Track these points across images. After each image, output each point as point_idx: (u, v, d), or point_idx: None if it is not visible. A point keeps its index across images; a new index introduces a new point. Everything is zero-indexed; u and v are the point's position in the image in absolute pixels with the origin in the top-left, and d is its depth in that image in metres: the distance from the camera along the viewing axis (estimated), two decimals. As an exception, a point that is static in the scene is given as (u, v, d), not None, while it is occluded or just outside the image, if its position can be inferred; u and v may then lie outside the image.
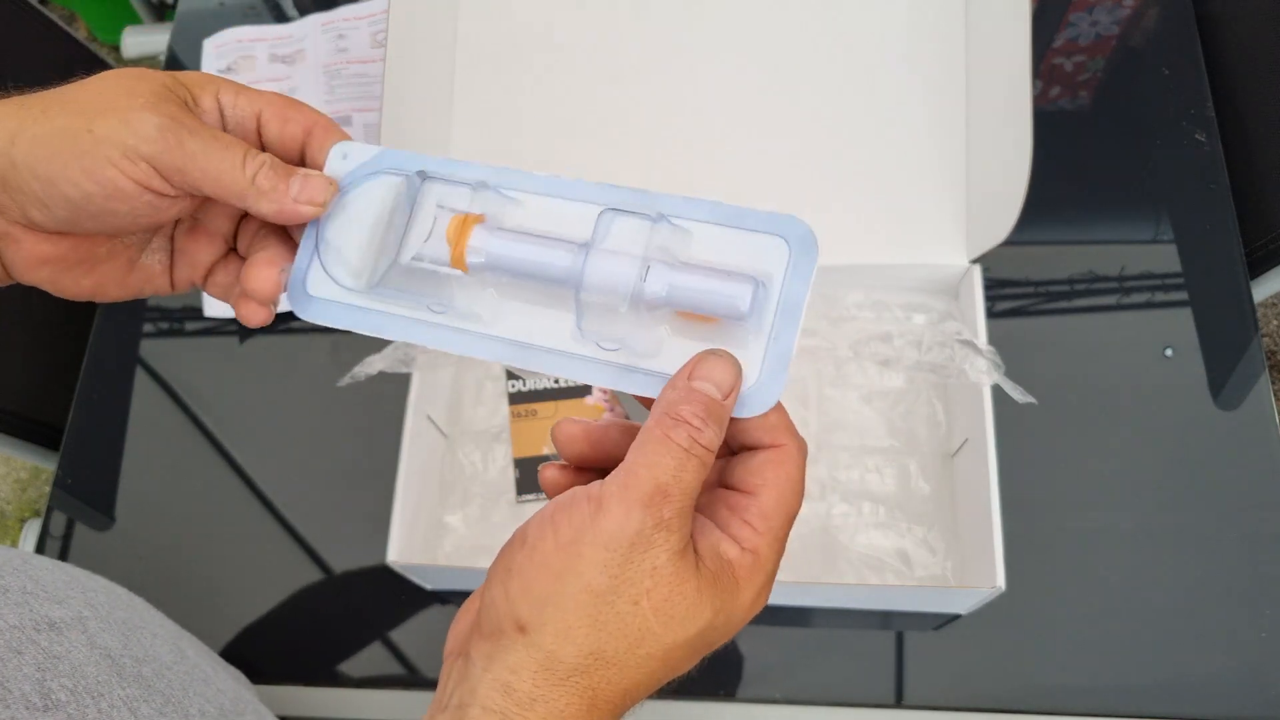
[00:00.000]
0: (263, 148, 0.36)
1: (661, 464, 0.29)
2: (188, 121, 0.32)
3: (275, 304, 0.36)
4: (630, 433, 0.33)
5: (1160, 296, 0.73)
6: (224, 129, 0.35)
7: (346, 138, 0.36)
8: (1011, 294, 0.74)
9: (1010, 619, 0.63)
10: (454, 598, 0.68)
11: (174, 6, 1.02)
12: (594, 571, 0.28)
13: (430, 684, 0.66)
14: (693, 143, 0.68)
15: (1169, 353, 0.71)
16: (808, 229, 0.31)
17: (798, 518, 0.34)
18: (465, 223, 0.33)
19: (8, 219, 0.33)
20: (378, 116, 0.64)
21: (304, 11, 0.91)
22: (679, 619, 0.29)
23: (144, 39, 1.08)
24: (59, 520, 0.73)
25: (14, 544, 1.39)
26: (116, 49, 1.14)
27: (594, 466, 0.34)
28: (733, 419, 0.31)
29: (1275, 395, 0.81)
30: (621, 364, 0.32)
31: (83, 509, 0.73)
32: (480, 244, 0.32)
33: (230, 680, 0.50)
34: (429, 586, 0.66)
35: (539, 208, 0.34)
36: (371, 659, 0.67)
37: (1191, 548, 0.65)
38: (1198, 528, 0.65)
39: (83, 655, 0.40)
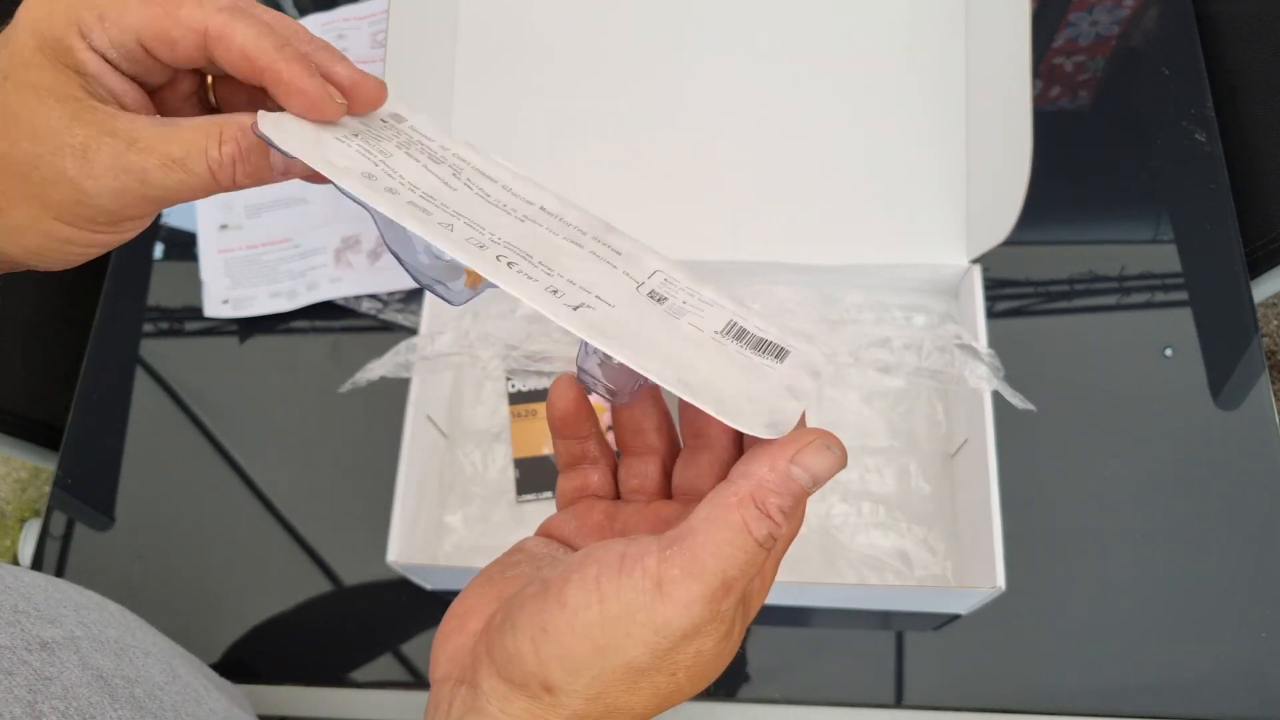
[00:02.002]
0: (173, 69, 0.32)
1: (733, 557, 0.27)
2: (134, 160, 0.30)
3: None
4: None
5: (1160, 296, 0.73)
6: (119, 74, 0.31)
7: (251, 31, 0.30)
8: (1011, 294, 0.74)
9: (1010, 619, 0.63)
10: (454, 598, 0.68)
11: (174, 6, 1.02)
12: (639, 651, 0.27)
13: (429, 685, 0.66)
14: (693, 142, 0.68)
15: (1169, 353, 0.71)
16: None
17: None
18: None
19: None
20: (378, 116, 0.64)
21: (304, 11, 0.91)
22: (708, 676, 0.29)
23: (144, 39, 1.08)
24: (59, 520, 0.73)
25: (14, 544, 1.39)
26: (116, 49, 1.14)
27: (584, 433, 0.34)
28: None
29: (1275, 395, 0.81)
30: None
31: (83, 509, 0.73)
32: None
33: (223, 700, 0.50)
34: (429, 586, 0.66)
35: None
36: (372, 659, 0.67)
37: (1191, 548, 0.65)
38: (1198, 528, 0.65)
39: (75, 676, 0.39)
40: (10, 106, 0.30)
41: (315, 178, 0.31)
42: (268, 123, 0.30)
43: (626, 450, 0.35)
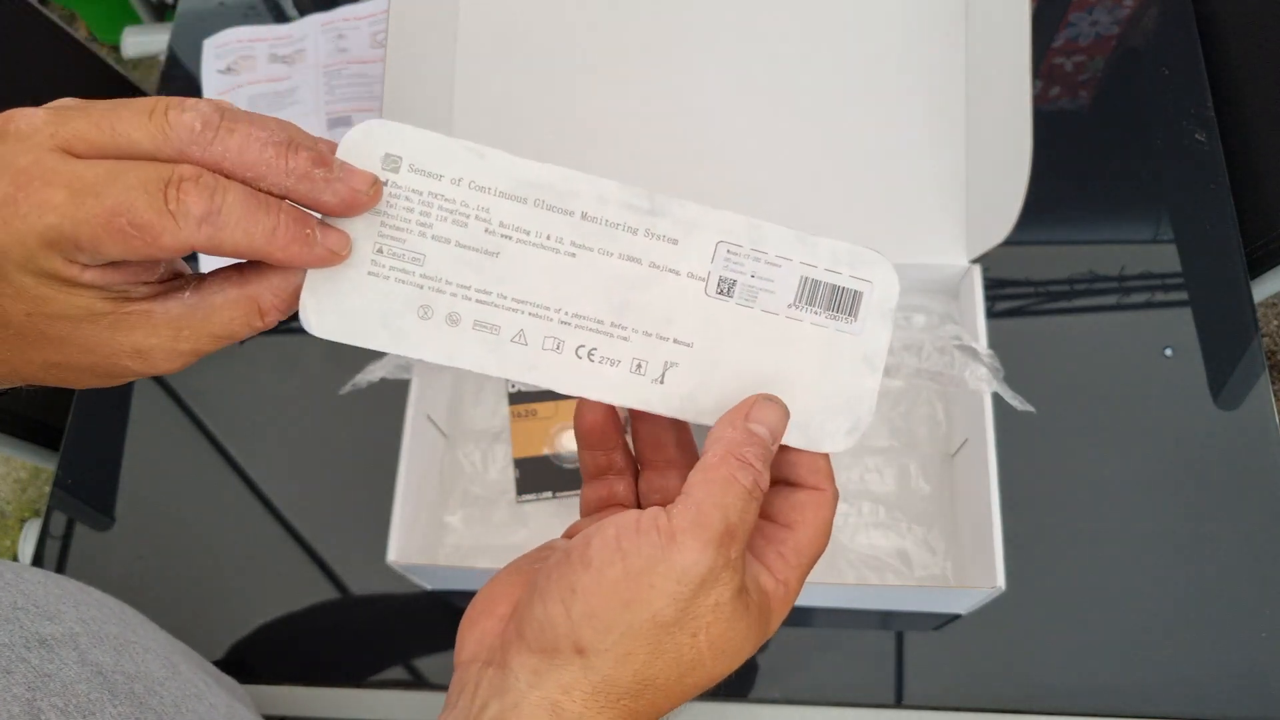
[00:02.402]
0: None
1: (731, 505, 0.29)
2: (169, 330, 0.30)
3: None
4: (653, 425, 0.35)
5: (1160, 296, 0.73)
6: (127, 268, 0.30)
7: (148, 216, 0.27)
8: (1011, 294, 0.74)
9: (1010, 619, 0.63)
10: (454, 598, 0.68)
11: (174, 6, 1.02)
12: (663, 603, 0.29)
13: (430, 684, 0.66)
14: (693, 142, 0.68)
15: (1169, 353, 0.71)
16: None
17: None
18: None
19: None
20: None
21: (304, 11, 0.91)
22: (729, 652, 0.30)
23: (144, 39, 1.08)
24: (59, 520, 0.73)
25: (14, 544, 1.39)
26: (116, 49, 1.14)
27: (611, 446, 0.36)
28: (787, 451, 0.33)
29: (1275, 395, 0.81)
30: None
31: (83, 509, 0.73)
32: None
33: (224, 695, 0.50)
34: (429, 586, 0.66)
35: None
36: (372, 659, 0.67)
37: (1191, 548, 0.65)
38: (1198, 528, 0.65)
39: (74, 673, 0.39)
40: (50, 334, 0.30)
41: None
42: (309, 312, 0.31)
43: (646, 464, 0.37)
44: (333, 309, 0.32)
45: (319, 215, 0.31)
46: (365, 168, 0.31)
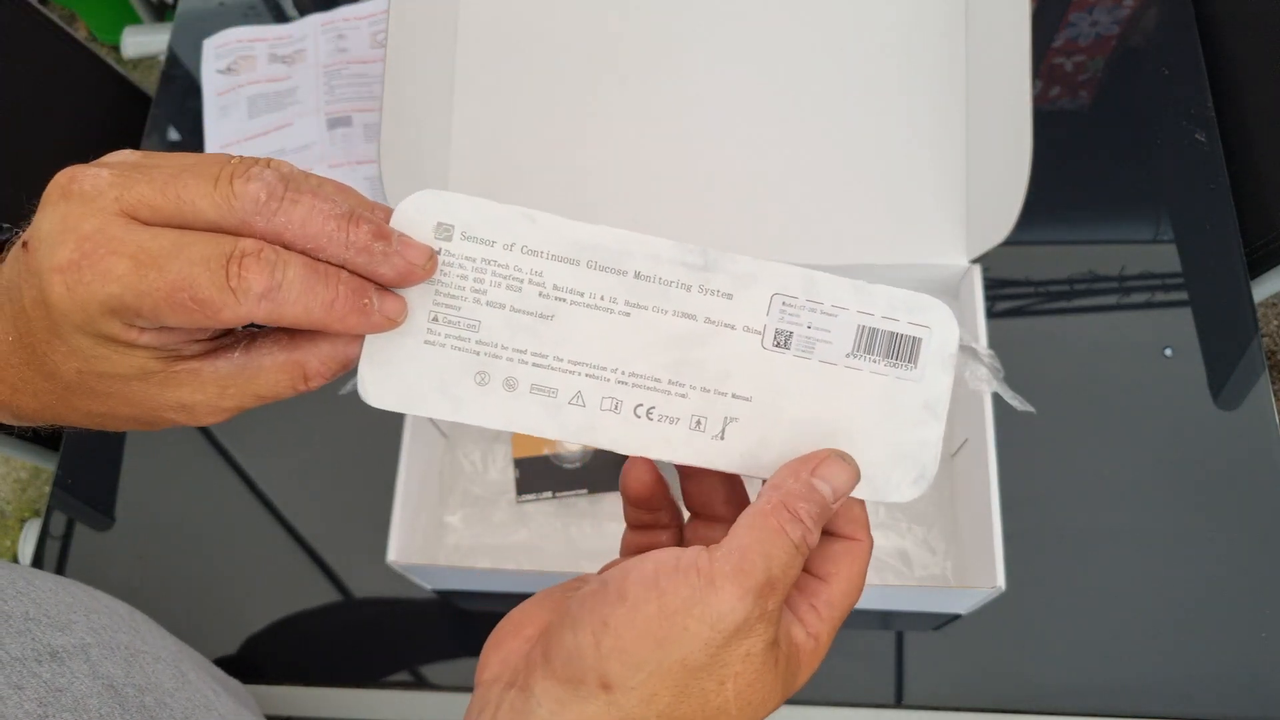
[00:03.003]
0: None
1: (775, 557, 0.29)
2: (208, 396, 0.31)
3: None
4: (705, 482, 0.34)
5: (1160, 296, 0.73)
6: (179, 333, 0.30)
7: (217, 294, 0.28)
8: (1011, 294, 0.74)
9: (1010, 619, 0.63)
10: (454, 598, 0.68)
11: (174, 6, 1.02)
12: (695, 646, 0.28)
13: (430, 684, 0.66)
14: (693, 142, 0.68)
15: (1169, 353, 0.71)
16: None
17: None
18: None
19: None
20: (378, 116, 0.64)
21: (304, 11, 0.91)
22: (755, 704, 0.29)
23: (144, 39, 1.08)
24: (59, 520, 0.73)
25: (14, 544, 1.39)
26: (116, 49, 1.14)
27: (657, 506, 0.35)
28: None
29: (1275, 395, 0.81)
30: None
31: (83, 509, 0.73)
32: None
33: (232, 702, 0.50)
34: (429, 586, 0.66)
35: None
36: (372, 659, 0.67)
37: (1191, 548, 0.65)
38: (1198, 528, 0.65)
39: (85, 687, 0.39)
40: (96, 389, 0.30)
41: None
42: (367, 384, 0.32)
43: (695, 514, 0.37)
44: (390, 379, 0.32)
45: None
46: (418, 237, 0.31)
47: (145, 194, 0.28)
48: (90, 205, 0.28)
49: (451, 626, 0.68)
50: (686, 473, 0.35)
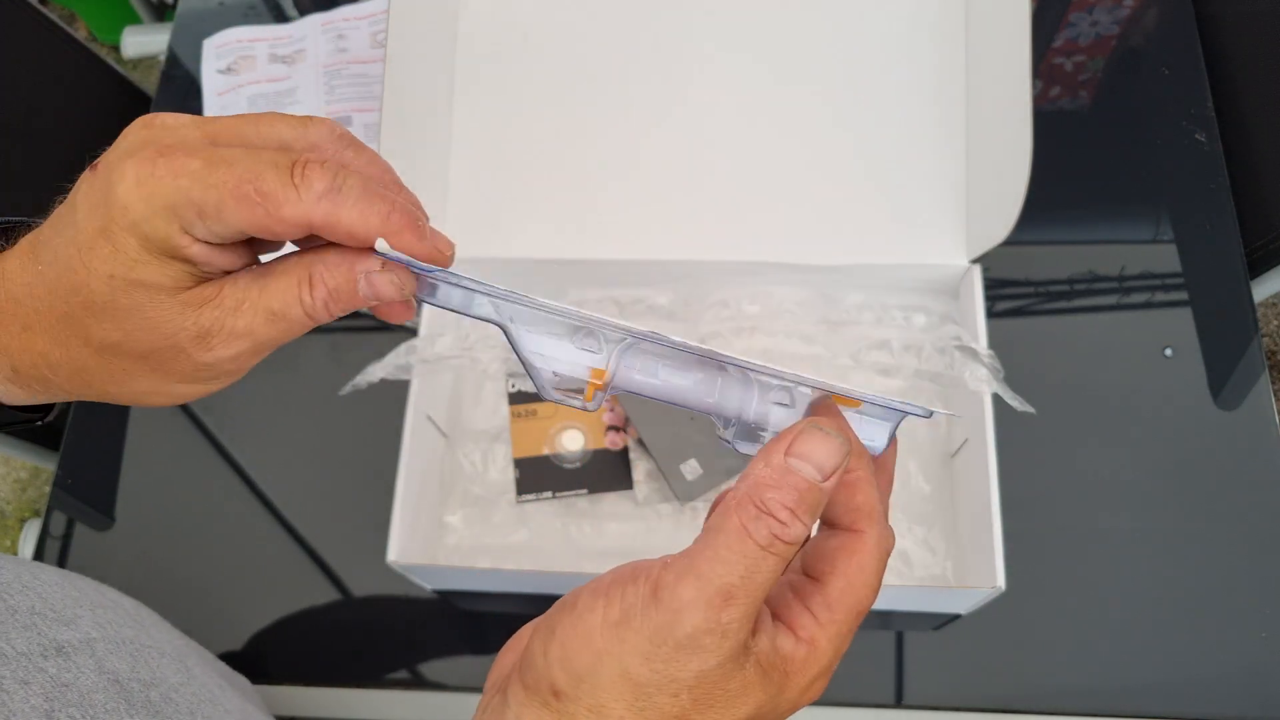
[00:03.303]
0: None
1: (732, 562, 0.26)
2: (222, 328, 0.31)
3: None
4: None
5: (1160, 296, 0.73)
6: (218, 249, 0.30)
7: (360, 215, 0.30)
8: (1011, 294, 0.74)
9: (1010, 619, 0.63)
10: (455, 598, 0.68)
11: (174, 6, 1.02)
12: (635, 660, 0.26)
13: (430, 684, 0.66)
14: (693, 142, 0.68)
15: (1169, 353, 0.71)
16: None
17: None
18: (597, 383, 0.31)
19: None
20: (378, 116, 0.64)
21: (304, 11, 0.91)
22: (719, 708, 0.27)
23: (144, 39, 1.08)
24: (59, 520, 0.73)
25: (14, 544, 1.39)
26: (116, 49, 1.14)
27: None
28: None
29: (1275, 395, 0.81)
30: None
31: (83, 509, 0.73)
32: (619, 383, 0.31)
33: (237, 698, 0.50)
34: (429, 586, 0.66)
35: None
36: (372, 659, 0.67)
37: (1191, 548, 0.65)
38: (1198, 528, 0.65)
39: (91, 681, 0.39)
40: (120, 304, 0.30)
41: (399, 312, 0.32)
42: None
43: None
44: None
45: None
46: None
47: (226, 123, 0.30)
48: (172, 130, 0.30)
49: (451, 626, 0.68)
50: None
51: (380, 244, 0.31)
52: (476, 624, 0.68)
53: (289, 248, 0.32)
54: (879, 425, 0.31)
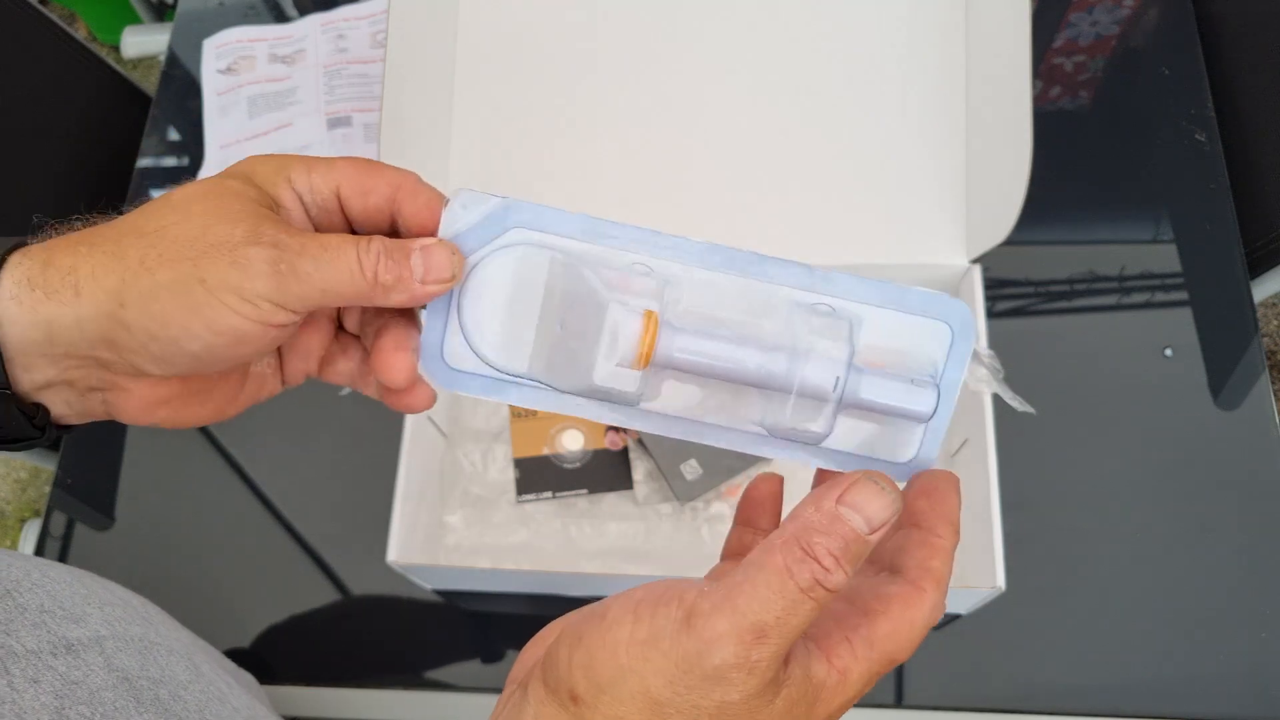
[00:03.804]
0: (350, 225, 0.34)
1: (770, 601, 0.26)
2: (291, 242, 0.30)
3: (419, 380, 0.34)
4: None
5: (1160, 296, 0.73)
6: (307, 217, 0.33)
7: (435, 192, 0.33)
8: (1011, 294, 0.74)
9: (1010, 619, 0.63)
10: (455, 597, 0.68)
11: (174, 6, 1.02)
12: (658, 681, 0.26)
13: (430, 683, 0.66)
14: (693, 142, 0.68)
15: (1169, 353, 0.71)
16: (968, 313, 0.32)
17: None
18: (652, 330, 0.31)
19: (115, 372, 0.32)
20: (378, 116, 0.64)
21: (304, 11, 0.91)
22: None
23: (144, 39, 1.08)
24: (59, 520, 0.73)
25: (14, 544, 1.39)
26: (116, 49, 1.14)
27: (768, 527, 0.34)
28: (908, 533, 0.30)
29: (1275, 395, 0.81)
30: (792, 440, 0.32)
31: (83, 509, 0.73)
32: (668, 349, 0.31)
33: (245, 696, 0.50)
34: (429, 586, 0.66)
35: (696, 284, 0.32)
36: (372, 659, 0.67)
37: (1191, 548, 0.65)
38: (1198, 528, 0.65)
39: (100, 679, 0.39)
40: (208, 201, 0.30)
41: (421, 298, 0.32)
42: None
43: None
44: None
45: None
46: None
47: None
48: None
49: (451, 626, 0.68)
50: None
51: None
52: (476, 624, 0.68)
53: None
54: (922, 392, 0.32)
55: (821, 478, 0.34)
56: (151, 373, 0.31)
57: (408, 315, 0.34)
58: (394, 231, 0.33)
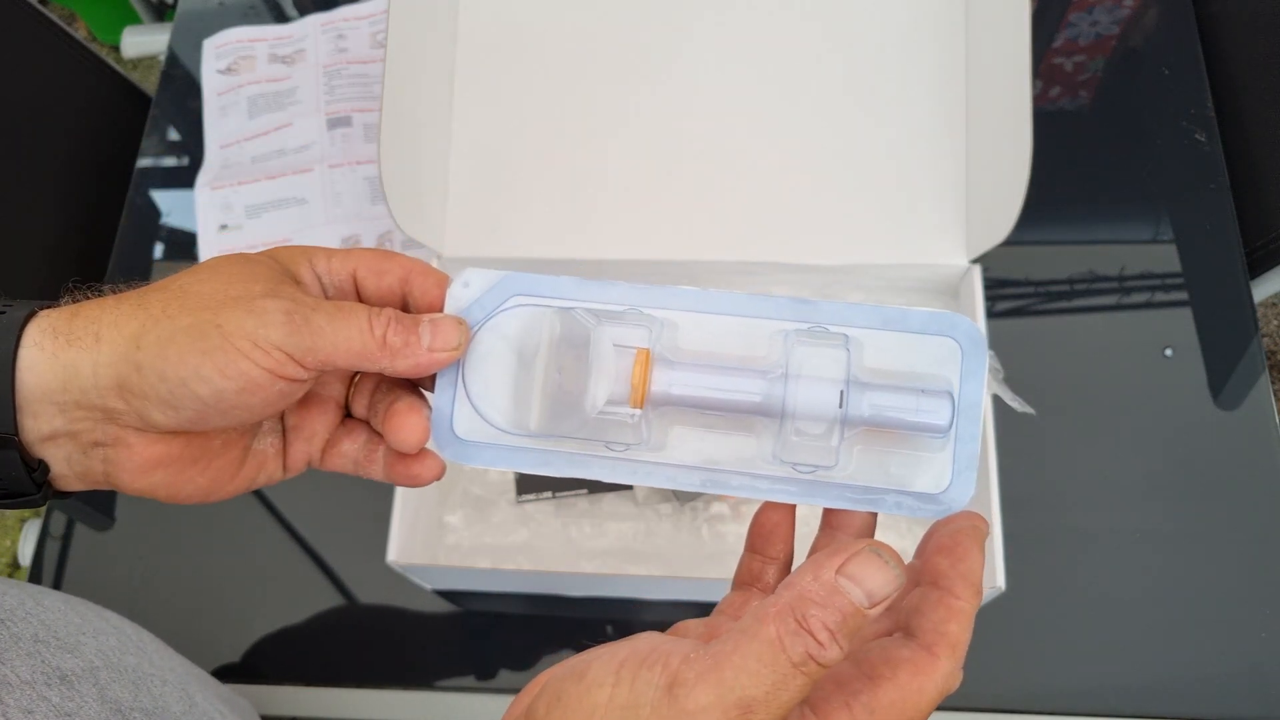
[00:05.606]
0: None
1: (759, 674, 0.24)
2: (307, 299, 0.32)
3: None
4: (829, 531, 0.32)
5: (1160, 296, 0.73)
6: (324, 295, 0.34)
7: (443, 275, 0.34)
8: (1011, 294, 0.74)
9: (1010, 619, 0.63)
10: (454, 597, 0.68)
11: (174, 6, 1.02)
12: None
13: (430, 684, 0.66)
14: (693, 142, 0.68)
15: (1169, 353, 0.71)
16: (974, 327, 0.31)
17: (798, 518, 0.34)
18: (644, 363, 0.31)
19: (121, 424, 0.32)
20: (378, 116, 0.64)
21: (304, 11, 0.91)
22: None
23: (144, 39, 1.08)
24: (59, 520, 0.73)
25: (14, 544, 1.39)
26: (116, 49, 1.14)
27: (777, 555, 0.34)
28: (926, 592, 0.28)
29: (1275, 395, 0.81)
30: (811, 480, 0.31)
31: (83, 509, 0.73)
32: (664, 385, 0.31)
33: None
34: (429, 586, 0.66)
35: (692, 327, 0.32)
36: (372, 659, 0.67)
37: (1191, 548, 0.65)
38: (1198, 528, 0.65)
39: (94, 711, 0.39)
40: (233, 266, 0.32)
41: (428, 366, 0.33)
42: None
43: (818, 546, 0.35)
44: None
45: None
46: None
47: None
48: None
49: (451, 626, 0.68)
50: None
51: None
52: (476, 624, 0.68)
53: None
54: (937, 401, 0.31)
55: (827, 518, 0.33)
56: (157, 421, 0.31)
57: (418, 391, 0.35)
58: (405, 311, 0.35)
